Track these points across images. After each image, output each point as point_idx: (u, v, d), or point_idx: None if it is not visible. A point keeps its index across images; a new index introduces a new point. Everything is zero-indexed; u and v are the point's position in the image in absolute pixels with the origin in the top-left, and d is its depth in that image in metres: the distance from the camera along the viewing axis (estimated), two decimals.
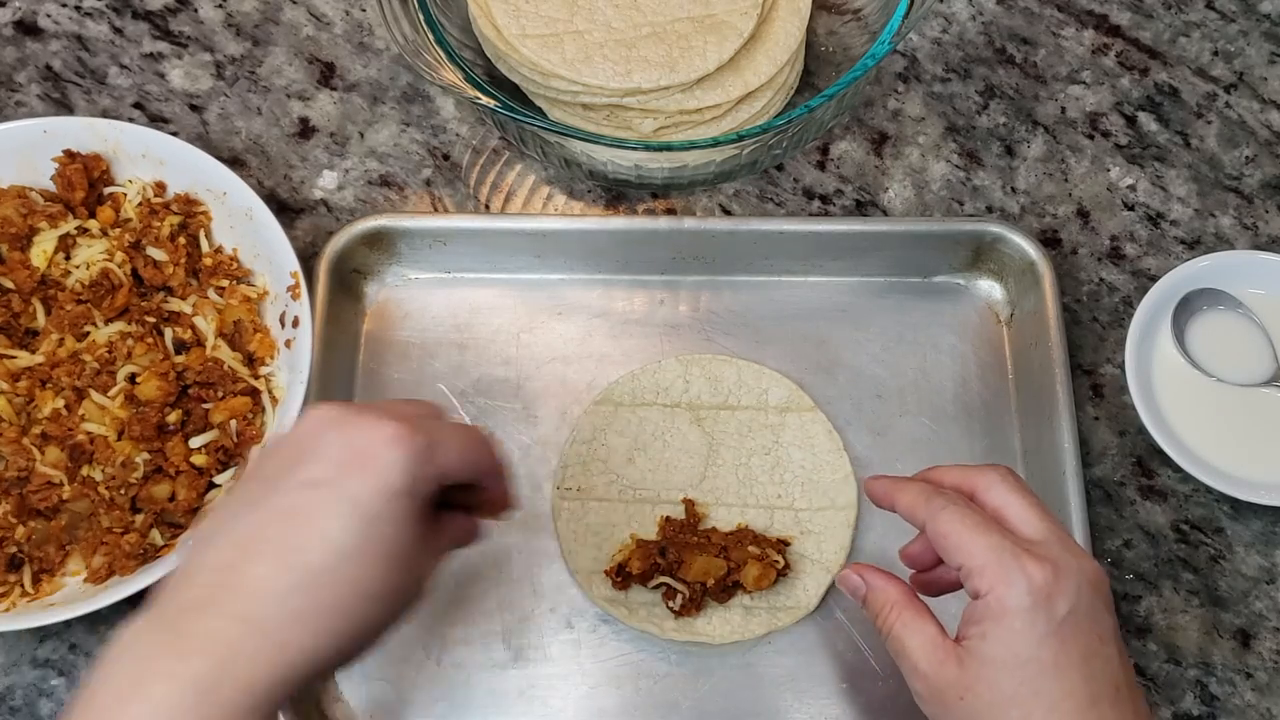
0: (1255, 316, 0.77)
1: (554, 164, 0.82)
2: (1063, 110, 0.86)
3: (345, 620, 0.49)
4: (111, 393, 0.69)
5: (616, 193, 0.83)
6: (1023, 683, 0.53)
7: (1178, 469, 0.74)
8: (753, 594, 0.70)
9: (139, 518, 0.68)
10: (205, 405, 0.70)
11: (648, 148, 0.74)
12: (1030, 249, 0.76)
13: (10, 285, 0.72)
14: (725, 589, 0.69)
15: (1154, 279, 0.77)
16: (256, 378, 0.71)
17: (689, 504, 0.72)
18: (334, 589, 0.48)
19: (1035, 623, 0.53)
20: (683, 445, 0.74)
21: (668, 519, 0.72)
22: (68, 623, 0.70)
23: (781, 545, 0.71)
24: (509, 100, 0.75)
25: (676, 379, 0.76)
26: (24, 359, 0.71)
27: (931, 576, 0.62)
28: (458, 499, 0.55)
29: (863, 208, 0.83)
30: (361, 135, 0.84)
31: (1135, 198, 0.83)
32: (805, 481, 0.73)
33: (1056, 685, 0.53)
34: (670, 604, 0.70)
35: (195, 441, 0.69)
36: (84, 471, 0.69)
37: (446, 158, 0.83)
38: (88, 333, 0.71)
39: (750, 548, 0.70)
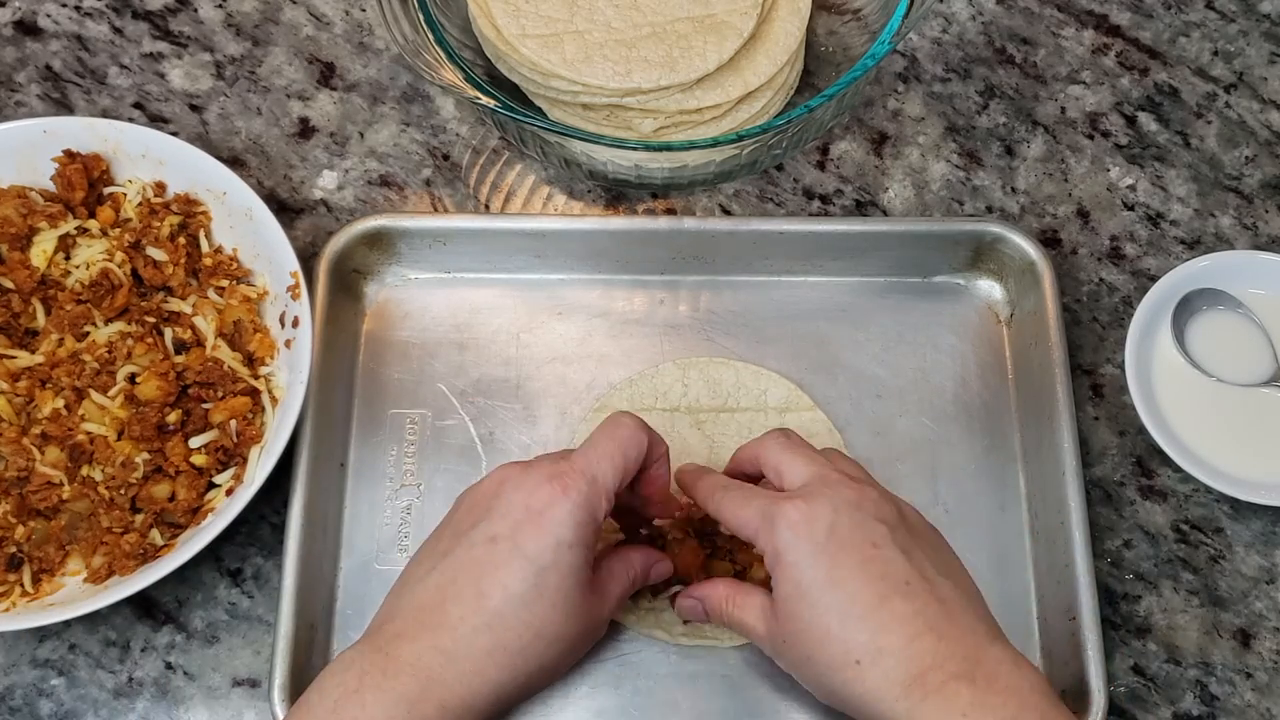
0: (1255, 316, 0.77)
1: (554, 164, 0.82)
2: (1063, 110, 0.86)
3: (524, 658, 0.58)
4: (111, 393, 0.69)
5: (616, 193, 0.83)
6: (811, 604, 0.58)
7: (1178, 469, 0.74)
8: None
9: (139, 518, 0.68)
10: (205, 405, 0.70)
11: (648, 148, 0.74)
12: (1030, 249, 0.76)
13: (10, 285, 0.72)
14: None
15: (1154, 279, 0.77)
16: (256, 378, 0.71)
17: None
18: (514, 630, 0.58)
19: (802, 551, 0.58)
20: (683, 449, 0.74)
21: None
22: (67, 623, 0.70)
23: None
24: (509, 100, 0.75)
25: (675, 383, 0.76)
26: (24, 359, 0.71)
27: None
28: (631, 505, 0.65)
29: (863, 208, 0.83)
30: (361, 135, 0.84)
31: (1135, 198, 0.83)
32: None
33: (838, 595, 0.58)
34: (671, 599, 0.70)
35: (195, 441, 0.69)
36: (84, 471, 0.69)
37: (446, 158, 0.83)
38: (88, 333, 0.71)
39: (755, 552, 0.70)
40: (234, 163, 0.81)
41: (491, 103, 0.73)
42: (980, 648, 0.58)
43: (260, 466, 0.68)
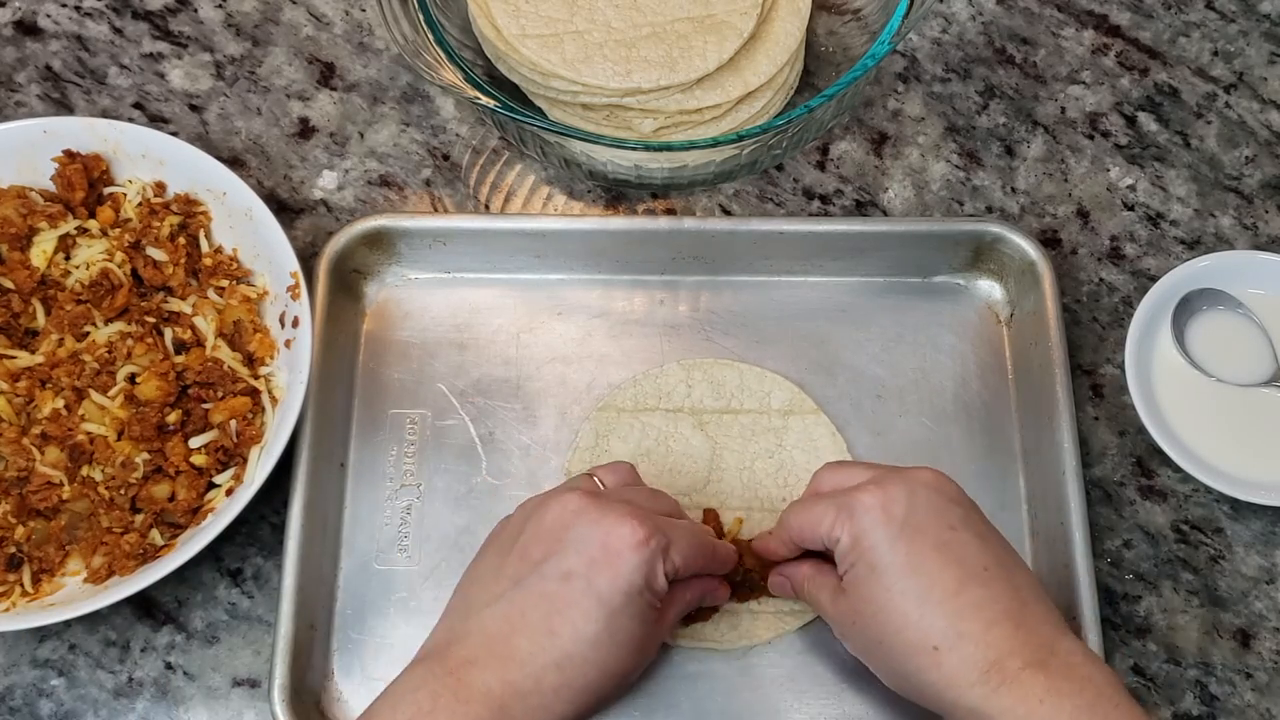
0: (1255, 316, 0.77)
1: (554, 164, 0.82)
2: (1063, 110, 0.86)
3: (589, 694, 0.58)
4: (111, 393, 0.69)
5: (616, 193, 0.83)
6: (888, 588, 0.58)
7: (1178, 469, 0.74)
8: (760, 599, 0.70)
9: (139, 518, 0.68)
10: (205, 405, 0.70)
11: (648, 148, 0.74)
12: (1030, 249, 0.76)
13: (10, 285, 0.72)
14: (751, 589, 0.70)
15: (1154, 279, 0.77)
16: (256, 378, 0.71)
17: (710, 514, 0.72)
18: (583, 670, 0.58)
19: (880, 534, 0.59)
20: (686, 450, 0.74)
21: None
22: (67, 623, 0.70)
23: None
24: (509, 100, 0.75)
25: (679, 384, 0.76)
26: (24, 359, 0.71)
27: None
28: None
29: (863, 208, 0.83)
30: (361, 135, 0.84)
31: (1135, 198, 0.83)
32: None
33: (917, 580, 0.58)
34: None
35: (195, 441, 0.69)
36: (84, 471, 0.69)
37: (446, 158, 0.83)
38: (88, 333, 0.71)
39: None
40: (234, 163, 0.81)
41: (491, 103, 0.73)
42: (1054, 638, 0.58)
43: (260, 466, 0.68)
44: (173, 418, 0.69)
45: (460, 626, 0.60)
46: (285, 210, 0.81)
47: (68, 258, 0.73)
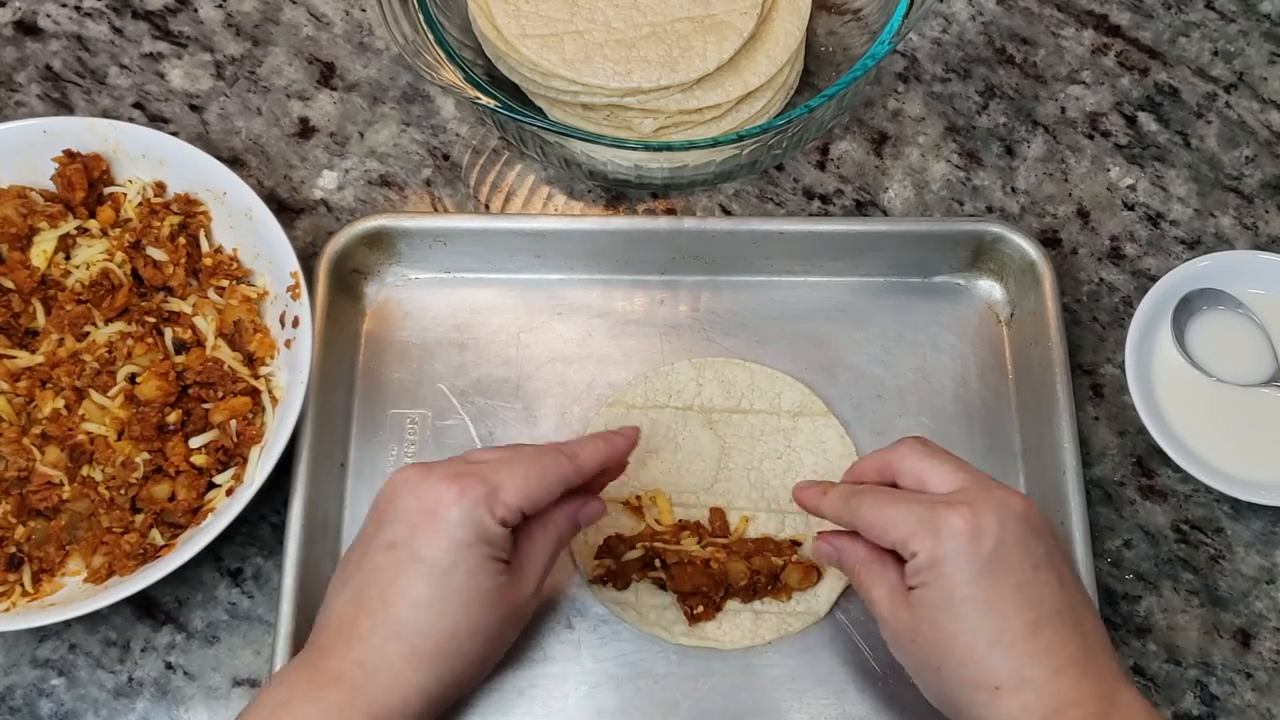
0: (1255, 316, 0.77)
1: (554, 164, 0.82)
2: (1063, 110, 0.86)
3: (442, 658, 0.58)
4: (111, 393, 0.69)
5: (616, 193, 0.83)
6: (962, 620, 0.56)
7: (1178, 469, 0.74)
8: (764, 599, 0.70)
9: (139, 518, 0.68)
10: (205, 405, 0.70)
11: (648, 148, 0.74)
12: (1030, 249, 0.76)
13: (10, 285, 0.72)
14: (755, 590, 0.69)
15: (1154, 279, 0.77)
16: (256, 378, 0.71)
17: (717, 512, 0.72)
18: (425, 634, 0.58)
19: (964, 564, 0.56)
20: (695, 448, 0.74)
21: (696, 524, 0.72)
22: (68, 623, 0.70)
23: (793, 546, 0.71)
24: (509, 100, 0.75)
25: (689, 382, 0.76)
26: (24, 359, 0.71)
27: None
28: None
29: (863, 208, 0.83)
30: (361, 135, 0.84)
31: (1135, 198, 0.83)
32: None
33: (993, 620, 0.56)
34: (689, 610, 0.70)
35: (195, 441, 0.69)
36: (84, 471, 0.69)
37: (446, 158, 0.83)
38: (88, 333, 0.71)
39: (773, 558, 0.70)
40: (234, 163, 0.81)
41: (491, 103, 0.73)
42: (1116, 688, 0.56)
43: (260, 466, 0.68)
44: (173, 418, 0.69)
45: (320, 620, 0.61)
46: (285, 210, 0.81)
47: (68, 258, 0.73)
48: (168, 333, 0.72)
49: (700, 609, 0.69)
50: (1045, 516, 0.60)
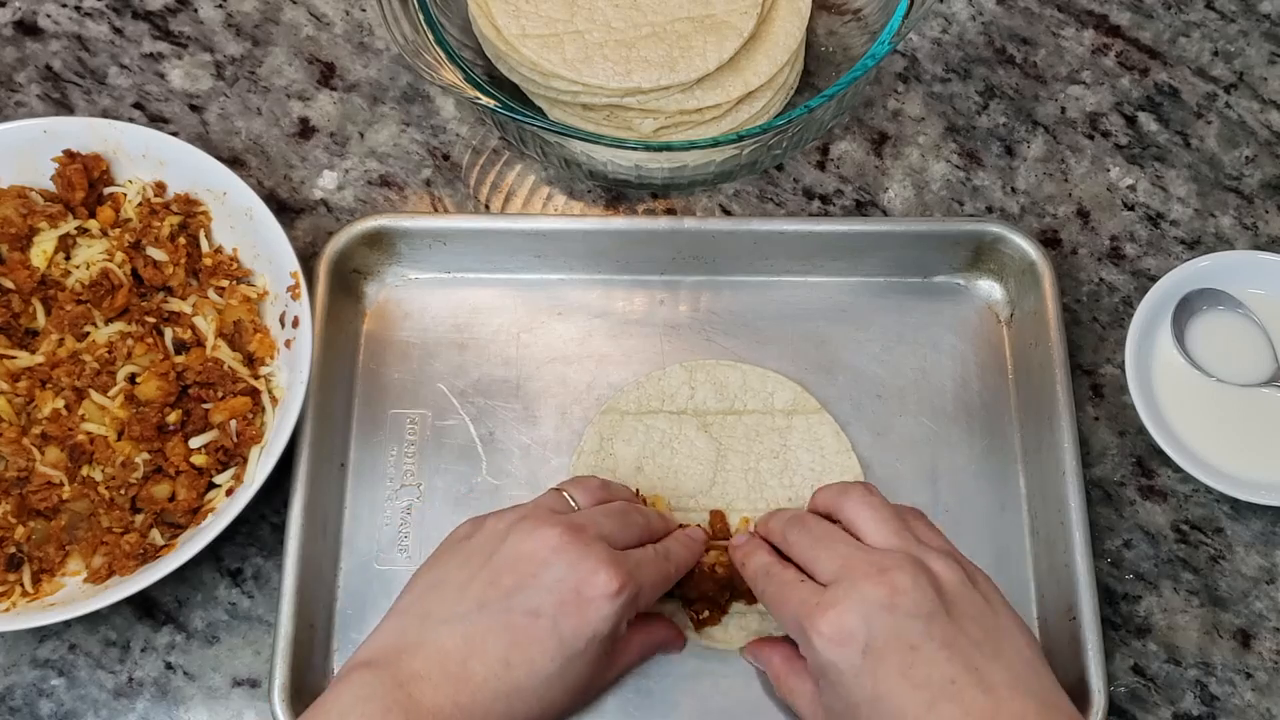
0: (1255, 316, 0.77)
1: (554, 164, 0.82)
2: (1063, 110, 0.86)
3: None
4: (111, 393, 0.69)
5: (616, 193, 0.83)
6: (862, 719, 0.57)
7: (1178, 469, 0.74)
8: None
9: (139, 518, 0.68)
10: (205, 405, 0.70)
11: (648, 148, 0.74)
12: (1030, 249, 0.76)
13: (10, 285, 0.72)
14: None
15: (1154, 279, 0.77)
16: (256, 378, 0.71)
17: (718, 515, 0.72)
18: (529, 703, 0.58)
19: (843, 669, 0.57)
20: (690, 452, 0.74)
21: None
22: (68, 623, 0.70)
23: None
24: (509, 100, 0.75)
25: (681, 385, 0.76)
26: (24, 359, 0.71)
27: None
28: None
29: (863, 208, 0.83)
30: (361, 135, 0.84)
31: (1135, 198, 0.83)
32: (815, 483, 0.73)
33: (887, 710, 0.56)
34: (695, 615, 0.70)
35: (195, 441, 0.69)
36: (84, 471, 0.69)
37: (446, 158, 0.83)
38: (88, 333, 0.71)
39: None
40: (234, 163, 0.81)
41: (491, 103, 0.73)
42: None
43: (260, 466, 0.68)
44: (173, 418, 0.69)
45: (414, 636, 0.59)
46: (285, 210, 0.81)
47: (68, 258, 0.73)
48: (168, 333, 0.72)
49: (706, 614, 0.69)
50: (928, 588, 0.58)
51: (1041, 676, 0.59)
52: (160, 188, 0.76)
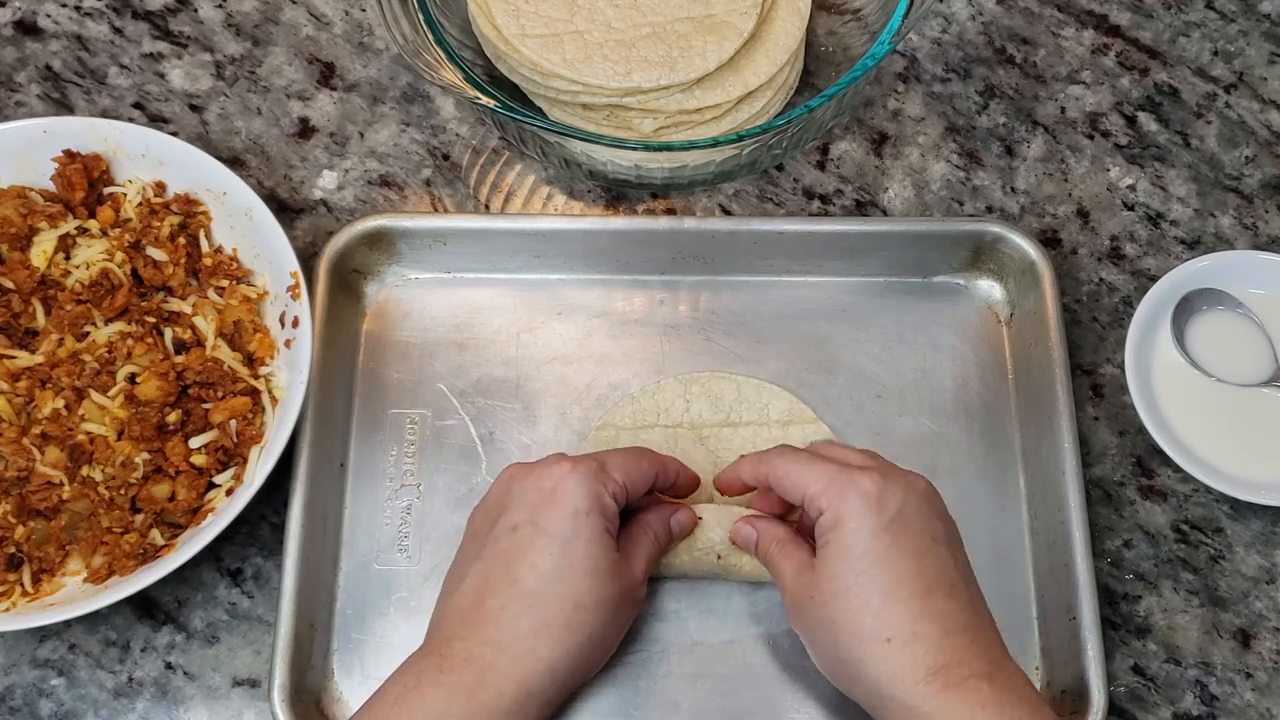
0: (1255, 316, 0.77)
1: (554, 164, 0.82)
2: (1063, 110, 0.86)
3: (570, 630, 0.60)
4: (111, 393, 0.69)
5: (616, 193, 0.83)
6: (860, 573, 0.59)
7: (1178, 469, 0.74)
8: None
9: (139, 518, 0.68)
10: (205, 405, 0.70)
11: (648, 148, 0.74)
12: (1030, 249, 0.76)
13: (10, 285, 0.72)
14: None
15: (1154, 279, 0.77)
16: (256, 378, 0.71)
17: None
18: (554, 605, 0.60)
19: (867, 521, 0.59)
20: (687, 465, 0.74)
21: None
22: (68, 623, 0.70)
23: None
24: (509, 100, 0.75)
25: (676, 399, 0.76)
26: (24, 359, 0.71)
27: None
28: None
29: (863, 208, 0.83)
30: (361, 135, 0.84)
31: (1135, 198, 0.83)
32: None
33: (889, 573, 0.59)
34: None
35: (195, 441, 0.69)
36: (84, 471, 0.69)
37: (446, 158, 0.83)
38: (88, 333, 0.71)
39: None
40: (234, 163, 0.81)
41: (491, 103, 0.73)
42: (1002, 659, 0.60)
43: (260, 466, 0.68)
44: (173, 418, 0.69)
45: (438, 617, 0.63)
46: (285, 210, 0.81)
47: (68, 258, 0.73)
48: (168, 333, 0.72)
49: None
50: (946, 508, 0.63)
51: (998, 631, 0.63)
52: (160, 188, 0.76)
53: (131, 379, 0.70)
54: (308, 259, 0.75)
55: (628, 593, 0.64)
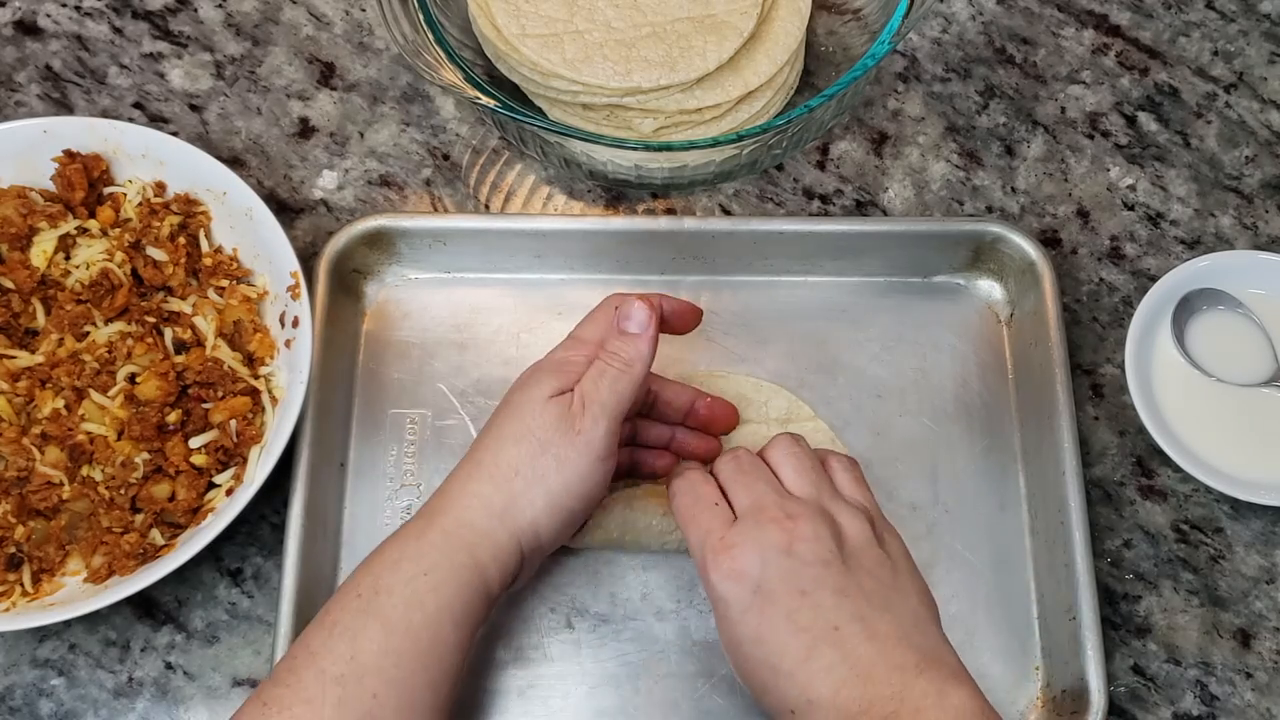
0: (1255, 316, 0.77)
1: (554, 164, 0.82)
2: (1063, 110, 0.86)
3: (509, 467, 0.63)
4: (111, 393, 0.69)
5: (616, 193, 0.83)
6: (745, 658, 0.59)
7: (1178, 469, 0.74)
8: None
9: (139, 518, 0.68)
10: (205, 405, 0.70)
11: (648, 148, 0.74)
12: (1030, 249, 0.76)
13: (10, 285, 0.72)
14: None
15: (1154, 279, 0.77)
16: (256, 378, 0.71)
17: None
18: (493, 458, 0.63)
19: (731, 606, 0.59)
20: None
21: None
22: (68, 623, 0.70)
23: None
24: (509, 100, 0.75)
25: None
26: (24, 359, 0.71)
27: None
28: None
29: (863, 208, 0.83)
30: (361, 135, 0.84)
31: (1135, 198, 0.83)
32: None
33: (768, 650, 0.58)
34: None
35: (195, 441, 0.69)
36: (84, 471, 0.69)
37: (446, 158, 0.83)
38: (88, 333, 0.71)
39: None
40: (234, 163, 0.81)
41: (491, 103, 0.73)
42: (906, 685, 0.56)
43: (260, 466, 0.68)
44: (173, 418, 0.69)
45: (498, 467, 0.64)
46: (285, 210, 0.81)
47: (68, 258, 0.73)
48: (168, 333, 0.72)
49: None
50: (827, 540, 0.60)
51: (928, 634, 0.59)
52: (160, 188, 0.76)
53: (131, 379, 0.70)
54: (308, 259, 0.75)
55: (577, 442, 0.63)
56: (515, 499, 0.62)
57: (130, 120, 0.80)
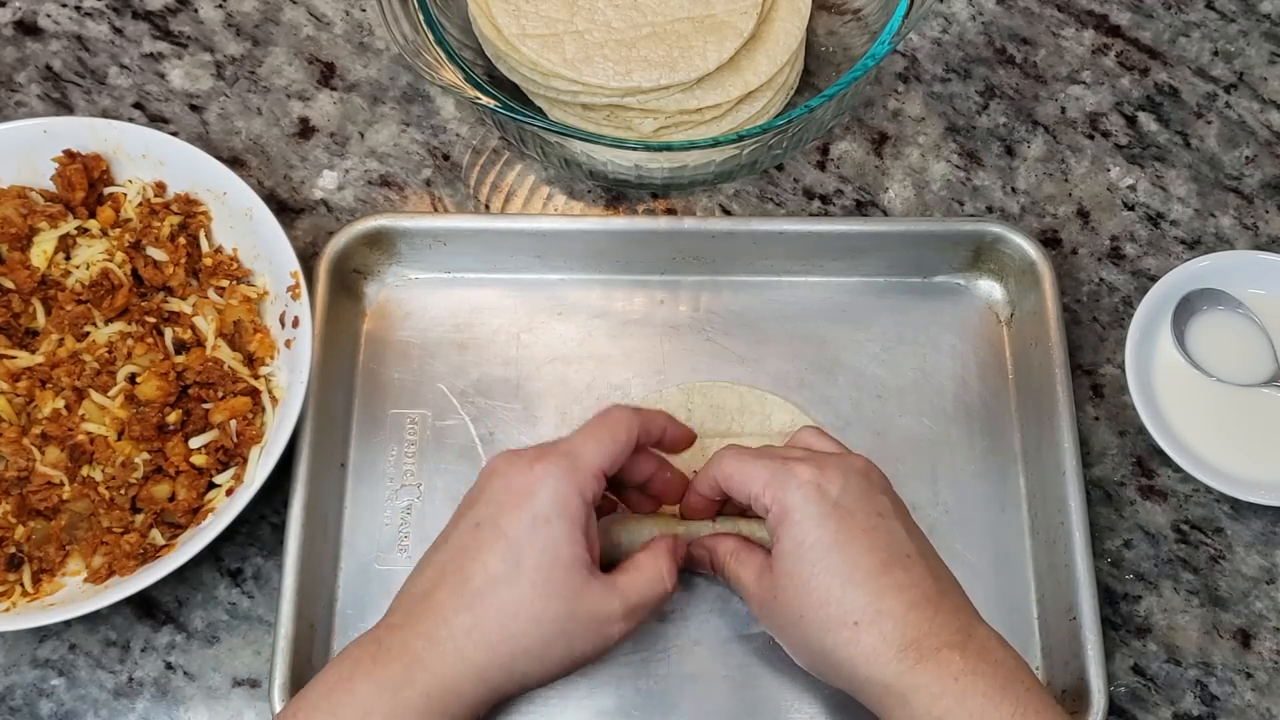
0: (1255, 316, 0.77)
1: (554, 164, 0.82)
2: (1063, 110, 0.86)
3: (504, 638, 0.58)
4: (111, 393, 0.69)
5: (616, 193, 0.83)
6: (814, 563, 0.59)
7: (1178, 469, 0.74)
8: None
9: (139, 518, 0.68)
10: (205, 405, 0.70)
11: (648, 148, 0.74)
12: (1030, 249, 0.76)
13: (10, 285, 0.72)
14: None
15: (1154, 279, 0.77)
16: (256, 378, 0.71)
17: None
18: (493, 608, 0.58)
19: (811, 510, 0.60)
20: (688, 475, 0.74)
21: None
22: (68, 623, 0.70)
23: None
24: (509, 100, 0.75)
25: (679, 408, 0.75)
26: (24, 359, 0.71)
27: None
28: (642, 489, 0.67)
29: (863, 208, 0.83)
30: (361, 135, 0.84)
31: (1135, 198, 0.83)
32: None
33: (842, 557, 0.59)
34: None
35: (195, 441, 0.69)
36: (84, 471, 0.69)
37: (446, 158, 0.83)
38: (88, 333, 0.71)
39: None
40: (234, 163, 0.81)
41: (491, 103, 0.73)
42: (971, 624, 0.60)
43: (260, 466, 0.68)
44: (173, 418, 0.69)
45: (397, 598, 0.62)
46: (285, 210, 0.81)
47: (68, 258, 0.73)
48: (168, 333, 0.72)
49: None
50: (888, 481, 0.64)
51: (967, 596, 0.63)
52: (160, 188, 0.76)
53: (131, 379, 0.70)
54: (308, 259, 0.75)
55: (586, 616, 0.59)
56: (513, 666, 0.59)
57: (130, 120, 0.80)
